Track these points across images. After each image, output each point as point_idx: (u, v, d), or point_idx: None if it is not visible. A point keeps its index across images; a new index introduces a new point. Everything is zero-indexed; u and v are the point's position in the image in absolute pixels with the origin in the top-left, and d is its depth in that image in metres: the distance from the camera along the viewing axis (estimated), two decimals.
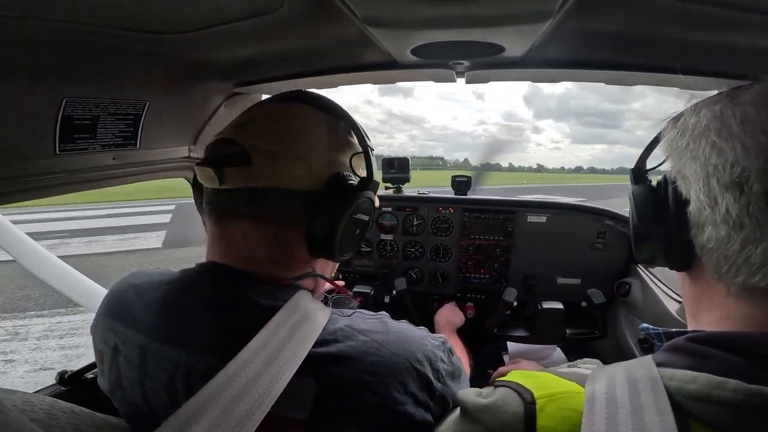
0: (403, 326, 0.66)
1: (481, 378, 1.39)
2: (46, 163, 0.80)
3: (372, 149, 0.71)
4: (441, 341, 0.69)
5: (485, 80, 1.12)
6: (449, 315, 1.58)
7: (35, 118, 0.74)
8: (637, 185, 0.61)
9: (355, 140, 0.72)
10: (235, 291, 0.61)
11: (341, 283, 1.66)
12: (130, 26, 0.69)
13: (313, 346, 0.56)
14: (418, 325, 0.70)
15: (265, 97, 1.23)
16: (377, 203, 0.75)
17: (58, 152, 0.79)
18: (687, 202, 0.50)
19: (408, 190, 2.00)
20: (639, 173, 0.64)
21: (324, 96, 0.72)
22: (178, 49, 0.82)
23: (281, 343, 0.54)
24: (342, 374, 0.55)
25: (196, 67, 0.96)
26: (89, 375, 1.05)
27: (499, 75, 1.07)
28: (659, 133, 0.58)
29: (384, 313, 0.69)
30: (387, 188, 1.98)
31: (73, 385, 1.01)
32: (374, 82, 1.19)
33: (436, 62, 0.96)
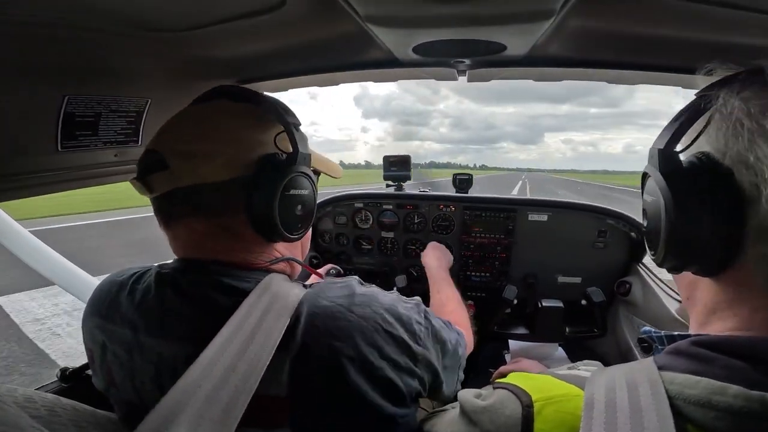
0: (372, 289, 0.65)
1: (482, 376, 1.40)
2: (48, 159, 0.80)
3: (297, 125, 0.69)
4: (414, 303, 0.68)
5: (487, 78, 1.12)
6: (439, 254, 1.49)
7: (37, 116, 0.74)
8: (670, 172, 0.47)
9: (277, 120, 0.70)
10: (208, 277, 0.62)
11: (328, 267, 1.63)
12: (132, 23, 0.69)
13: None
14: None
15: (267, 94, 1.23)
16: (315, 179, 0.74)
17: (60, 149, 0.80)
18: (752, 200, 0.41)
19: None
20: (671, 157, 0.48)
21: (242, 87, 0.74)
22: (181, 46, 0.82)
23: (256, 324, 0.54)
24: (309, 342, 0.55)
25: (199, 64, 0.96)
26: (90, 372, 1.05)
27: (500, 73, 1.07)
28: (703, 105, 0.47)
29: (353, 277, 0.68)
30: (388, 186, 1.98)
31: (74, 382, 1.02)
32: (375, 80, 1.19)
33: (438, 60, 0.96)
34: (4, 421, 0.45)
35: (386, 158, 1.96)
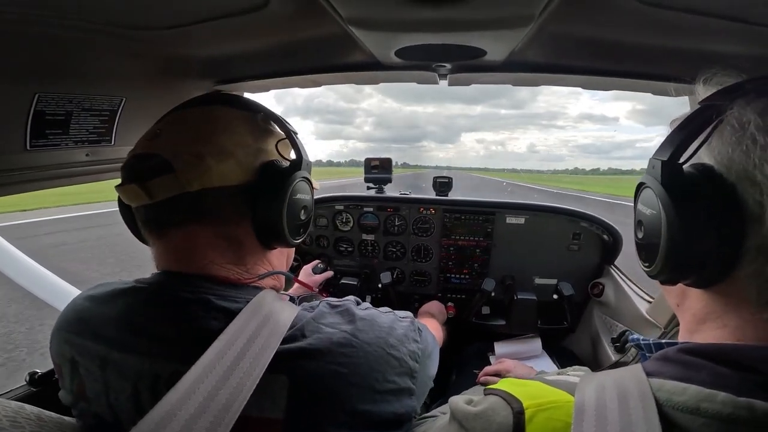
0: (371, 312, 0.65)
1: (467, 376, 1.42)
2: (16, 158, 0.77)
3: (295, 133, 0.71)
4: (409, 320, 0.68)
5: (467, 83, 1.13)
6: (433, 308, 1.58)
7: (4, 113, 0.72)
8: (673, 185, 0.45)
9: (276, 128, 0.72)
10: (194, 296, 0.58)
11: (317, 278, 1.64)
12: (107, 21, 0.67)
13: (283, 343, 0.54)
14: None
15: (246, 95, 1.22)
16: (316, 185, 0.76)
17: (28, 148, 0.77)
18: (754, 218, 0.40)
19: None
20: (675, 170, 0.46)
21: (237, 95, 0.73)
22: (159, 45, 0.80)
23: (246, 344, 0.52)
24: (314, 368, 0.53)
25: (177, 64, 0.94)
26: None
27: (480, 78, 1.08)
28: (715, 115, 0.45)
29: (350, 298, 0.68)
30: (369, 188, 1.98)
31: (42, 387, 0.98)
32: (357, 83, 1.19)
33: (419, 64, 0.97)
34: None
35: (368, 161, 1.96)
